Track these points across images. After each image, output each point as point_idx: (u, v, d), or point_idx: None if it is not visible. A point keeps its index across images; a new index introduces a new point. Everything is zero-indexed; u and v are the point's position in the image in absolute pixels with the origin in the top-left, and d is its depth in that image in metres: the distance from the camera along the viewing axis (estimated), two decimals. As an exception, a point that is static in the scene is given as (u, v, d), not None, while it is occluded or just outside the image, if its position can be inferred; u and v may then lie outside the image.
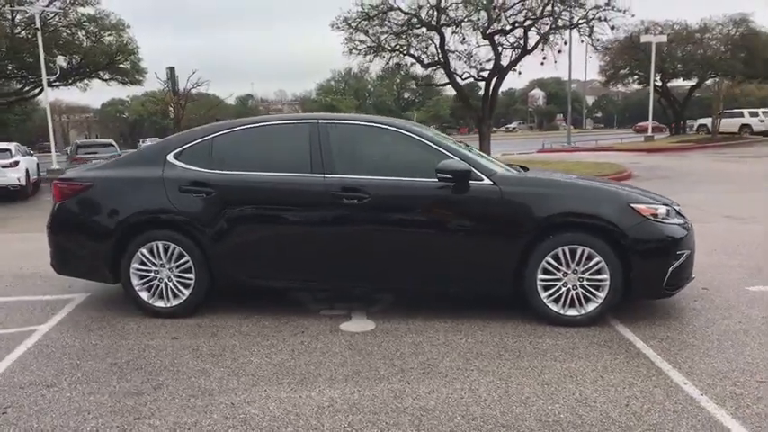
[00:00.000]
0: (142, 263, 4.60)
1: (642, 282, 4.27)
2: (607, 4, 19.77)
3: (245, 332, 4.35)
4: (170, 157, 4.68)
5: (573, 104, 50.22)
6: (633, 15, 20.70)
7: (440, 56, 21.01)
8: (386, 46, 22.03)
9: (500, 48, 20.21)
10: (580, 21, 20.43)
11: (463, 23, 20.34)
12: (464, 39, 21.29)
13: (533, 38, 20.85)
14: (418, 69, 23.80)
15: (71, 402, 3.29)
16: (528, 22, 19.28)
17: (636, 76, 40.70)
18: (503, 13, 18.59)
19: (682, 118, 41.30)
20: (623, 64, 39.39)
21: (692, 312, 4.62)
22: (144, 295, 4.64)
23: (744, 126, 35.11)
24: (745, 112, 35.73)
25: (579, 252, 4.26)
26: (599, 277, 4.27)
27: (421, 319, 4.53)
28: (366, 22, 20.19)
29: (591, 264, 4.26)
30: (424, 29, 20.57)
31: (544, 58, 22.48)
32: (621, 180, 14.00)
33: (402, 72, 23.71)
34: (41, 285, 5.72)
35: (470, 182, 4.33)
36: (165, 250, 4.58)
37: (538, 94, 79.64)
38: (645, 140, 34.16)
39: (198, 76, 19.51)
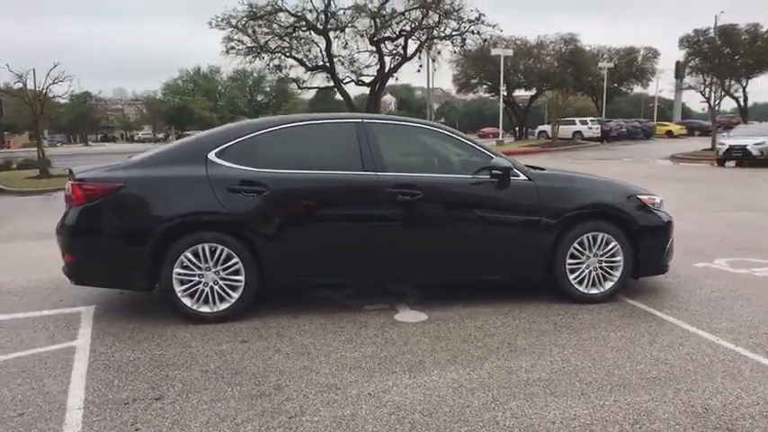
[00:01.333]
0: (185, 267, 4.37)
1: (648, 261, 5.04)
2: (477, 20, 21.58)
3: (309, 331, 4.35)
4: (212, 156, 4.49)
5: (421, 111, 53.42)
6: (502, 30, 22.67)
7: (325, 60, 21.30)
8: (268, 47, 21.78)
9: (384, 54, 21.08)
10: (454, 33, 22.02)
11: (347, 29, 20.86)
12: (346, 44, 21.84)
13: (412, 47, 22.07)
14: (298, 71, 23.84)
15: (202, 412, 3.14)
16: (412, 32, 20.35)
17: (485, 86, 44.38)
18: (393, 21, 19.38)
19: (524, 124, 45.86)
20: (474, 74, 42.77)
21: (671, 286, 5.51)
22: (187, 301, 4.40)
23: (576, 132, 40.08)
24: (577, 120, 40.77)
25: (600, 238, 4.90)
26: (615, 259, 4.95)
27: (461, 307, 4.84)
28: (253, 22, 19.82)
29: (608, 248, 4.92)
30: (311, 32, 20.71)
31: (420, 66, 23.89)
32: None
33: (282, 74, 23.57)
34: (23, 302, 5.07)
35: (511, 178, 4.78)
36: (212, 253, 4.39)
37: (390, 99, 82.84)
38: (497, 144, 37.39)
39: (60, 71, 17.06)
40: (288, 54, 21.76)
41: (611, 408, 3.18)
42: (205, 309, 4.44)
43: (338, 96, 67.49)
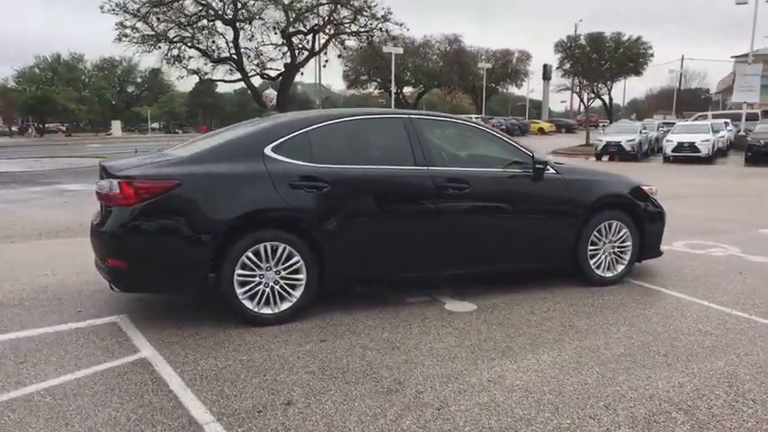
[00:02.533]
0: (246, 267, 4.16)
1: (650, 246, 5.61)
2: (385, 18, 21.95)
3: (377, 326, 4.34)
4: (268, 151, 4.31)
5: (306, 105, 53.27)
6: (408, 29, 23.23)
7: (231, 51, 20.49)
8: (166, 36, 20.48)
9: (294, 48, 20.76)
10: (361, 30, 22.23)
11: (255, 21, 20.23)
12: (252, 36, 21.19)
13: (318, 41, 21.93)
14: (198, 63, 22.67)
15: (345, 412, 3.08)
16: (324, 26, 20.22)
17: (375, 82, 45.13)
18: (309, 14, 19.14)
19: (412, 121, 47.29)
20: (364, 71, 43.34)
21: (657, 267, 6.15)
22: (248, 304, 4.20)
23: (463, 129, 42.16)
24: (464, 117, 42.87)
25: (614, 225, 5.38)
26: (625, 244, 5.46)
27: (497, 296, 5.05)
28: (156, 9, 18.48)
29: (620, 234, 5.42)
30: (215, 22, 19.80)
31: (326, 61, 23.86)
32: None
33: (182, 64, 22.23)
34: (34, 316, 4.50)
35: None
36: (273, 251, 4.22)
37: (272, 93, 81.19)
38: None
39: None
40: (190, 44, 20.63)
41: (701, 374, 3.59)
42: (266, 310, 4.26)
43: (219, 89, 64.38)
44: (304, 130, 4.48)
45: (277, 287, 4.28)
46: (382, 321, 4.44)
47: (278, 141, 4.36)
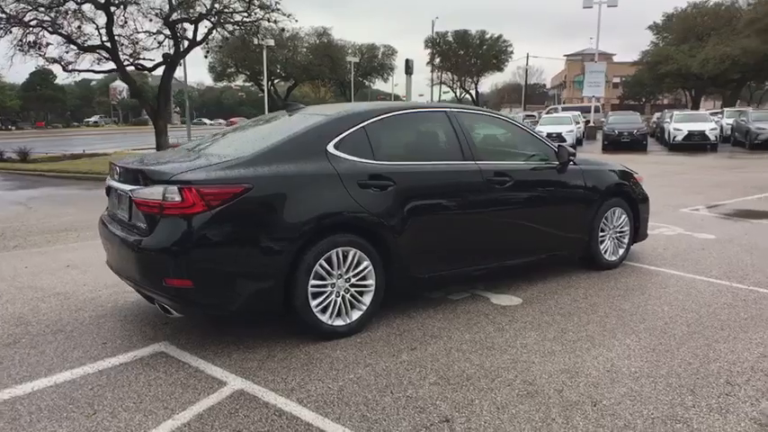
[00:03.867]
0: (319, 277, 3.78)
1: (641, 230, 6.03)
2: (272, 9, 21.10)
3: (449, 327, 4.18)
4: (330, 149, 3.93)
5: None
6: (297, 21, 22.55)
7: (103, 39, 18.37)
8: (20, 20, 17.82)
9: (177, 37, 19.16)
10: (246, 20, 21.17)
11: (130, 6, 18.34)
12: (126, 22, 19.23)
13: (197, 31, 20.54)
14: (60, 51, 20.01)
15: (508, 421, 2.92)
16: (209, 12, 18.88)
17: (243, 75, 43.39)
18: (195, 1, 17.75)
19: (283, 115, 46.25)
20: (232, 63, 41.47)
21: (636, 248, 6.62)
22: (322, 317, 3.82)
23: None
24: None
25: (616, 212, 5.71)
26: (625, 230, 5.81)
27: (533, 286, 5.11)
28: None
29: (621, 220, 5.77)
30: (80, 6, 17.58)
31: (207, 51, 22.50)
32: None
33: (39, 52, 19.43)
34: (53, 354, 3.70)
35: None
36: (344, 257, 3.88)
37: (121, 86, 74.56)
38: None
39: None
40: (51, 30, 18.15)
41: (767, 344, 3.93)
42: (339, 322, 3.91)
43: (60, 81, 57.90)
44: (361, 124, 4.15)
45: (347, 296, 3.94)
46: (448, 322, 4.29)
47: (339, 138, 4.00)
